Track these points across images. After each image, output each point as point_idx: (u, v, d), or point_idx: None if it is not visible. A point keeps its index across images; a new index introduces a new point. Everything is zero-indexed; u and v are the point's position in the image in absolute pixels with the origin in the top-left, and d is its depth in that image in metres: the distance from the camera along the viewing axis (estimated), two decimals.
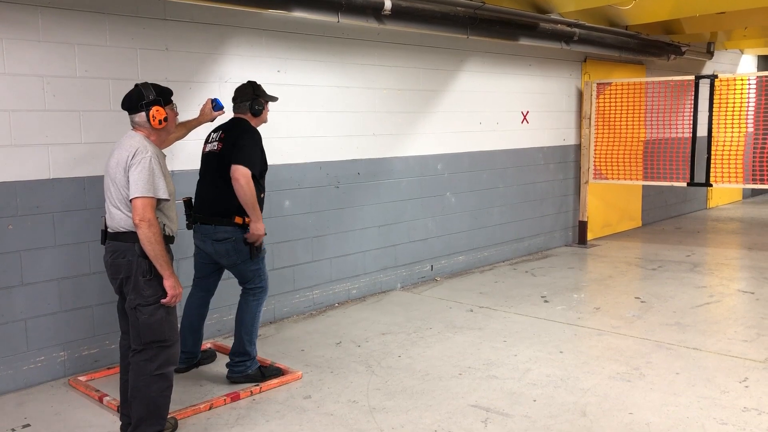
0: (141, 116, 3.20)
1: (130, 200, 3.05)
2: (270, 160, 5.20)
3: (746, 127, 8.76)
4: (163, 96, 3.24)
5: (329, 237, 5.72)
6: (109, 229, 3.20)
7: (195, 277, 4.27)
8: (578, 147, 8.42)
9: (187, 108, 4.49)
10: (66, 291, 4.20)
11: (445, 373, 4.21)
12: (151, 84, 3.26)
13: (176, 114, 3.39)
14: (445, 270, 6.82)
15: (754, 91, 8.44)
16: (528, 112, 7.63)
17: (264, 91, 4.14)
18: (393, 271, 6.30)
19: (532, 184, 7.80)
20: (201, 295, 4.25)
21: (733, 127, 8.06)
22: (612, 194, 9.00)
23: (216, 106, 4.05)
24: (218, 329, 4.97)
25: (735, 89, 8.05)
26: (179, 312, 3.86)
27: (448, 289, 6.29)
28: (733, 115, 8.01)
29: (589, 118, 8.28)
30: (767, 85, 8.41)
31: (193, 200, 4.09)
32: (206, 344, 4.70)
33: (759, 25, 9.04)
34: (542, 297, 5.98)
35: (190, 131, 4.04)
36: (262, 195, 4.08)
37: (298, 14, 4.92)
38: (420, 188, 6.47)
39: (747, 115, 8.39)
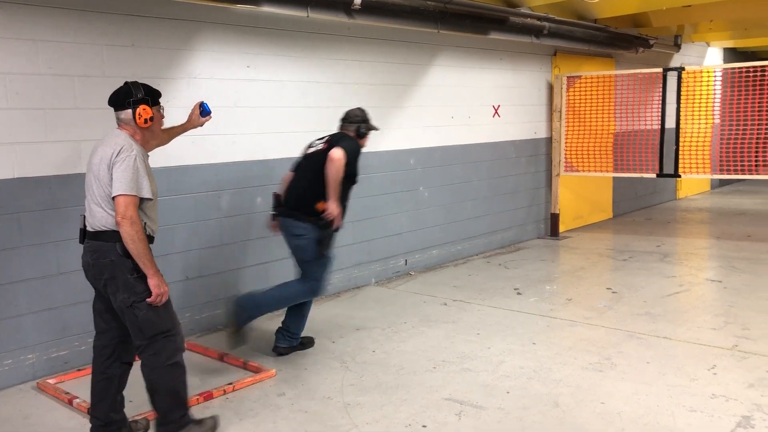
0: (127, 113, 3.16)
1: (113, 198, 3.02)
2: (241, 157, 5.20)
3: (713, 119, 8.89)
4: (151, 96, 3.22)
5: None
6: (89, 228, 3.15)
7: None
8: (549, 140, 8.49)
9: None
10: (33, 292, 4.12)
11: (419, 367, 4.22)
12: (141, 84, 3.23)
13: (162, 116, 3.35)
14: (420, 264, 6.84)
15: (721, 82, 8.57)
16: (499, 105, 7.67)
17: (370, 120, 4.58)
18: (367, 266, 6.29)
19: (505, 177, 7.85)
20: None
21: (700, 119, 8.19)
22: (583, 186, 9.09)
23: (203, 111, 3.82)
24: (190, 329, 4.92)
25: (702, 81, 8.18)
26: None
27: (423, 284, 6.31)
28: (700, 106, 8.15)
29: (560, 111, 8.35)
30: (733, 77, 8.55)
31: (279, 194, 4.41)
32: None
33: (724, 18, 9.20)
34: (515, 289, 6.03)
35: (174, 138, 3.81)
36: (346, 203, 4.38)
37: (267, 9, 4.89)
38: (393, 183, 6.47)
39: (714, 106, 8.51)
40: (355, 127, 4.47)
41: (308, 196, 4.22)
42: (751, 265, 6.71)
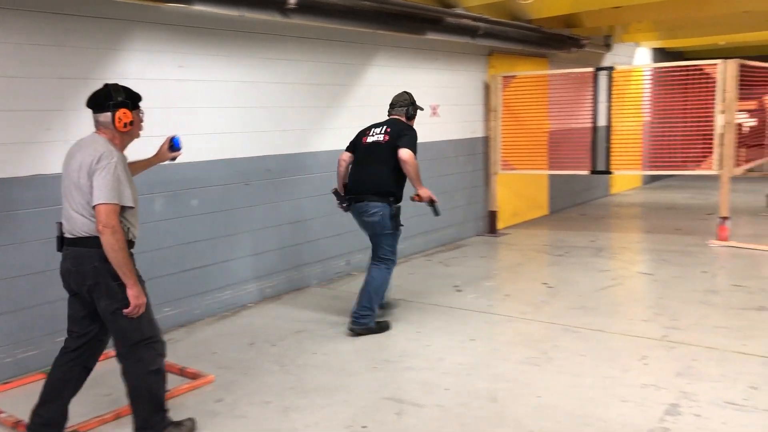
0: (106, 116, 3.11)
1: (94, 206, 2.98)
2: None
3: (643, 116, 9.19)
4: (131, 99, 3.17)
5: (241, 236, 5.61)
6: (68, 235, 3.09)
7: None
8: (486, 139, 8.62)
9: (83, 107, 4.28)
10: None
11: (360, 367, 4.22)
12: (122, 86, 3.17)
13: (142, 120, 3.28)
14: (362, 264, 6.82)
15: (650, 81, 8.87)
16: (437, 105, 7.74)
17: (416, 101, 5.18)
18: (308, 267, 6.25)
19: (443, 176, 7.92)
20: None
21: (631, 117, 8.45)
22: (520, 184, 9.27)
23: (173, 146, 3.60)
24: None
25: (632, 80, 8.45)
26: None
27: None
28: (630, 105, 8.41)
29: (496, 111, 8.49)
30: (662, 76, 8.86)
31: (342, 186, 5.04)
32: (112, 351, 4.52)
33: (652, 18, 9.54)
34: (455, 287, 6.10)
35: (139, 172, 3.58)
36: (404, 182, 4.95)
37: (199, 8, 4.79)
38: (332, 183, 6.41)
39: (644, 104, 8.80)
40: (404, 110, 5.08)
41: (377, 182, 4.82)
42: (680, 257, 6.97)
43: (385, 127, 4.95)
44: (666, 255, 7.12)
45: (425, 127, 7.58)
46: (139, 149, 4.71)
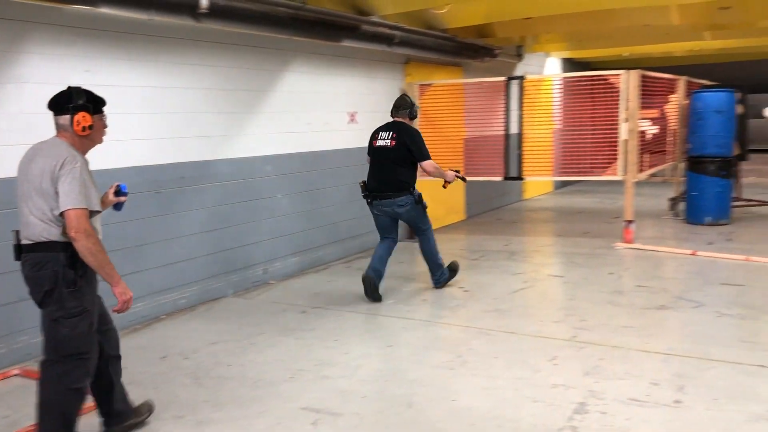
0: (65, 119, 3.07)
1: (62, 212, 2.94)
2: None
3: (553, 124, 9.52)
4: (93, 104, 3.14)
5: (153, 245, 5.44)
6: (26, 241, 3.03)
7: (381, 236, 5.99)
8: None
9: None
10: None
11: (276, 377, 4.17)
12: (85, 90, 3.13)
13: (105, 126, 3.24)
14: (279, 273, 6.77)
15: (560, 90, 9.21)
16: (356, 112, 7.77)
17: (416, 103, 6.05)
18: (224, 277, 6.13)
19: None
20: (389, 243, 5.99)
21: (541, 124, 8.75)
22: (438, 190, 9.35)
23: (119, 191, 3.51)
24: (27, 353, 4.53)
25: (542, 89, 8.75)
26: None
27: (282, 292, 6.25)
28: (541, 113, 8.70)
29: None
30: (571, 85, 9.22)
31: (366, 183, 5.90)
32: (13, 370, 4.30)
33: (561, 30, 9.93)
34: None
35: None
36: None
37: (105, 11, 4.64)
38: (249, 191, 6.36)
39: (554, 112, 9.12)
40: (407, 112, 5.87)
41: (394, 181, 5.76)
42: (588, 259, 7.27)
43: (391, 132, 5.81)
44: (575, 257, 7.41)
45: (344, 134, 7.62)
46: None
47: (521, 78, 8.27)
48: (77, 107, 3.06)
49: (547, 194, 13.27)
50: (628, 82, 7.70)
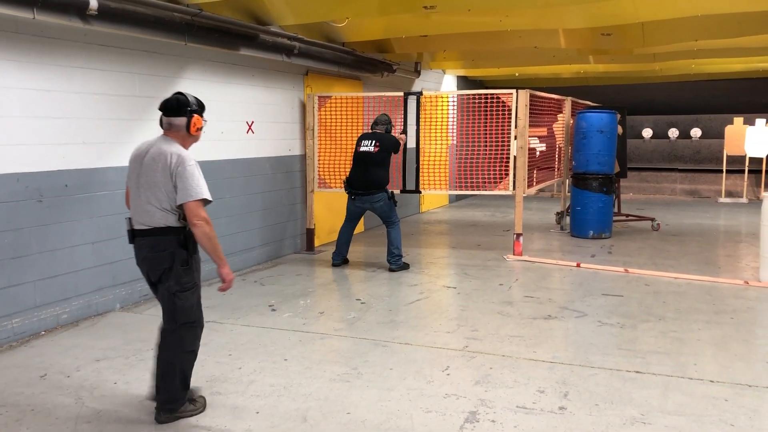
0: (181, 120, 3.58)
1: (181, 204, 3.43)
2: None
3: (450, 139, 9.79)
4: (201, 107, 3.67)
5: (32, 257, 5.12)
6: (143, 227, 3.53)
7: (347, 218, 7.64)
8: (303, 157, 8.68)
9: None
10: None
11: None
12: (194, 96, 3.67)
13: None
14: None
15: (455, 107, 9.49)
16: (253, 122, 7.67)
17: (391, 120, 7.72)
18: (111, 290, 5.86)
19: (260, 193, 7.85)
20: (351, 227, 7.71)
21: (438, 140, 8.97)
22: (337, 202, 9.41)
23: None
24: None
25: (438, 105, 8.97)
26: None
27: None
28: (437, 128, 8.92)
29: (312, 130, 8.60)
30: (466, 102, 9.52)
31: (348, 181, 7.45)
32: None
33: (456, 48, 10.23)
34: (270, 306, 6.04)
35: None
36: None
37: None
38: None
39: (449, 128, 9.37)
40: (385, 128, 7.53)
41: (375, 180, 7.27)
42: (480, 271, 7.50)
43: (374, 141, 7.34)
44: (468, 269, 7.63)
45: (242, 143, 7.50)
46: None
47: (419, 94, 8.45)
48: (193, 111, 3.60)
49: (443, 207, 13.60)
50: (518, 100, 8.04)
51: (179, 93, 3.66)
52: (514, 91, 8.10)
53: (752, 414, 3.79)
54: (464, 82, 14.67)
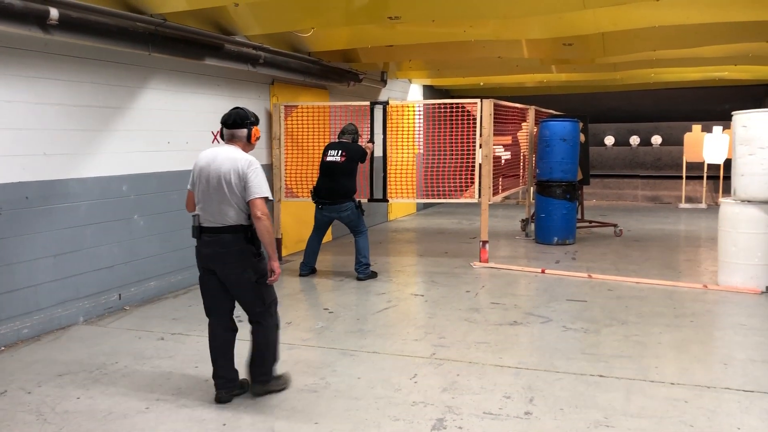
0: (243, 132, 4.05)
1: (250, 200, 3.86)
2: None
3: (416, 148, 9.86)
4: (257, 120, 4.12)
5: None
6: (214, 225, 3.95)
7: (315, 227, 7.61)
8: (270, 166, 8.66)
9: None
10: None
11: (130, 409, 3.98)
12: (250, 110, 4.11)
13: None
14: (136, 298, 6.46)
15: (421, 116, 9.57)
16: (219, 131, 7.61)
17: (357, 130, 7.63)
18: (74, 304, 5.76)
19: None
20: (319, 236, 7.69)
21: (404, 148, 9.03)
22: (304, 211, 9.39)
23: None
24: None
25: (405, 114, 9.04)
26: None
27: (139, 318, 5.97)
28: (404, 137, 8.98)
29: (279, 139, 8.58)
30: (432, 111, 9.60)
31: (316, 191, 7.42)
32: None
33: (421, 58, 10.33)
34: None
35: None
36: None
37: None
38: (102, 212, 6.04)
39: (416, 137, 9.43)
40: (351, 137, 7.46)
41: (342, 189, 7.27)
42: (448, 279, 7.56)
43: (340, 150, 7.31)
44: (435, 277, 7.68)
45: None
46: None
47: (385, 103, 8.50)
48: (252, 123, 4.06)
49: (411, 215, 13.67)
50: (482, 109, 8.14)
51: (239, 108, 4.09)
52: (478, 100, 8.20)
53: (711, 414, 3.89)
54: (430, 91, 14.79)
